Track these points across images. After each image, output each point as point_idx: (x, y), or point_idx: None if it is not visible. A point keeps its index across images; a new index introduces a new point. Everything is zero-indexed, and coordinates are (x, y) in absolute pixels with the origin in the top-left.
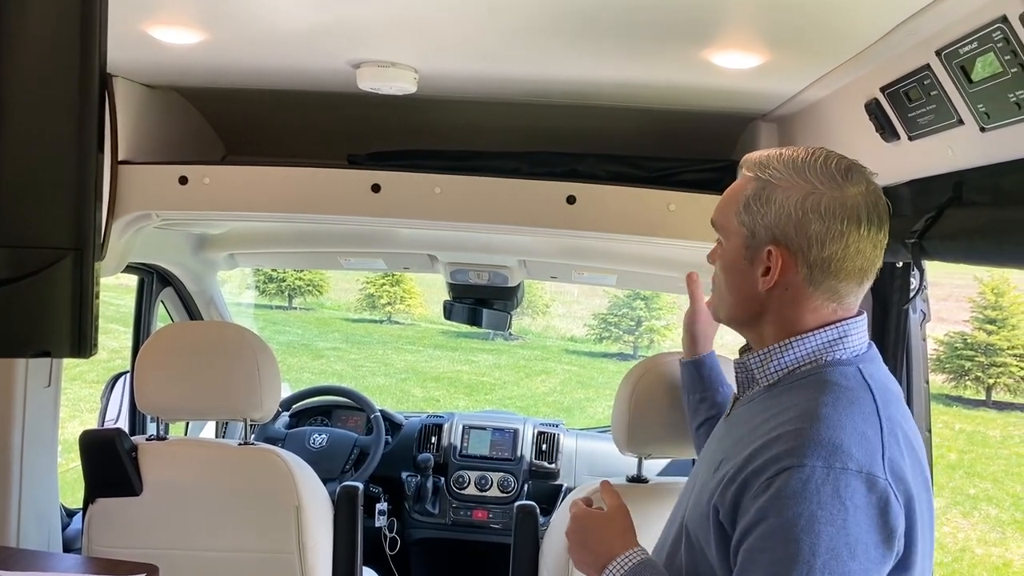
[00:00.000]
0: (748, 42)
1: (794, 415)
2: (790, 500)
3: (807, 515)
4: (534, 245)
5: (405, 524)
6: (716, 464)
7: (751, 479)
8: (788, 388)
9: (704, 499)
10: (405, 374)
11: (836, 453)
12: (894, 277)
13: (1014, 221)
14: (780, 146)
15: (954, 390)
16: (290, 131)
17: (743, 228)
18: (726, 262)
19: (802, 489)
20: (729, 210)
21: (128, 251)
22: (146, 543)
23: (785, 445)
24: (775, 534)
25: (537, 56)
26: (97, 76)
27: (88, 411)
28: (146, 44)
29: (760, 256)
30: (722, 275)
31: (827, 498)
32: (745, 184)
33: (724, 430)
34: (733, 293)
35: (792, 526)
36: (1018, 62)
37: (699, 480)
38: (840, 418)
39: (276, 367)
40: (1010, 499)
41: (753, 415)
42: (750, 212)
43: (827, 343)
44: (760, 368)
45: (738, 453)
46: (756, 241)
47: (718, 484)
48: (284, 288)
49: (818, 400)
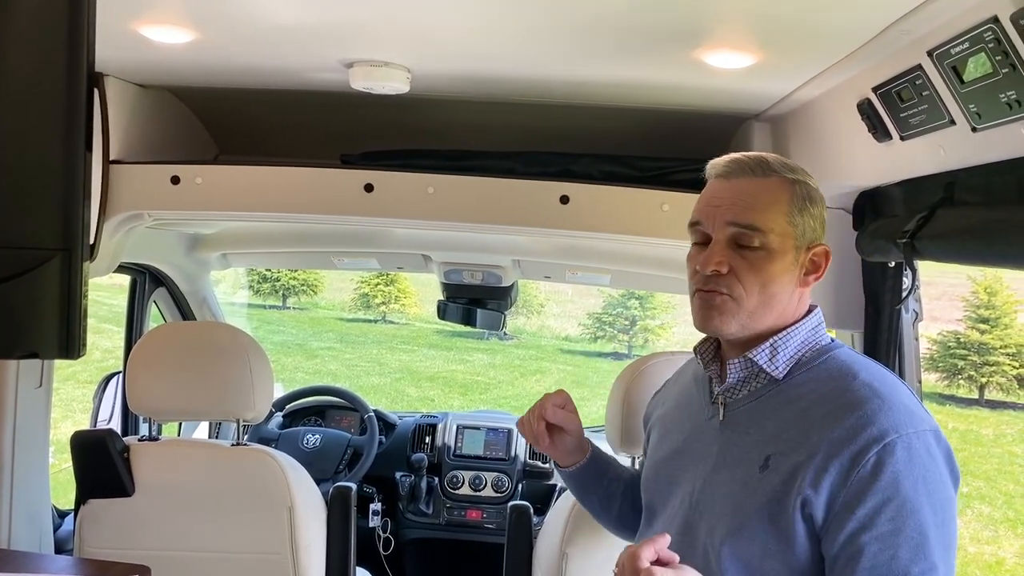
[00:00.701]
0: (741, 42)
1: (851, 397)
2: (904, 471)
3: (921, 480)
4: (528, 245)
5: (399, 524)
6: (761, 461)
7: (850, 463)
8: (808, 375)
9: (761, 498)
10: (399, 374)
11: (913, 418)
12: (886, 277)
13: (1006, 221)
14: (774, 146)
15: (947, 389)
16: (283, 131)
17: (793, 229)
18: (771, 263)
19: (908, 457)
20: (776, 211)
21: (120, 251)
22: (138, 544)
23: (873, 423)
24: (902, 509)
25: (530, 56)
26: (85, 75)
27: (81, 411)
28: (137, 43)
29: (805, 256)
30: (761, 278)
31: (924, 458)
32: (784, 186)
33: (727, 432)
34: (771, 295)
35: (914, 495)
36: (1009, 63)
37: (729, 485)
38: (893, 389)
39: (269, 367)
40: (1003, 497)
41: (778, 407)
42: (804, 214)
43: (813, 329)
44: (769, 362)
45: (800, 443)
46: (803, 242)
47: (790, 478)
48: (278, 288)
49: (862, 377)
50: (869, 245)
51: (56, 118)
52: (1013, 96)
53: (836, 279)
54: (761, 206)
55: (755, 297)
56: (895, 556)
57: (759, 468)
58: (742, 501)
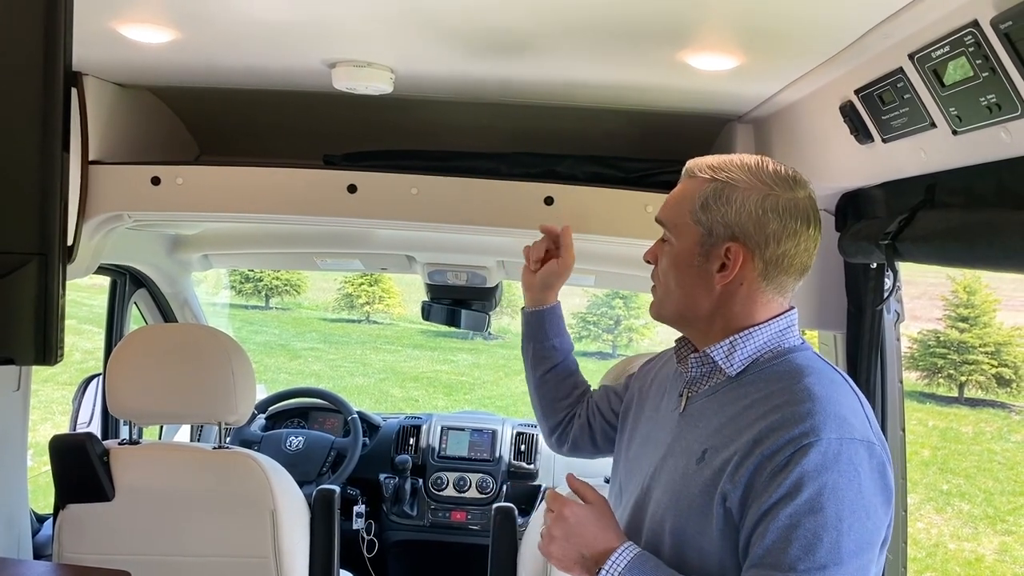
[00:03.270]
0: (724, 45)
1: (788, 398)
2: (813, 472)
3: (831, 484)
4: (512, 245)
5: (383, 526)
6: (699, 454)
7: (765, 461)
8: (758, 375)
9: (694, 490)
10: (383, 374)
11: (843, 425)
12: (868, 278)
13: (986, 223)
14: (757, 147)
15: (927, 387)
16: (265, 131)
17: (699, 227)
18: (677, 259)
19: (822, 461)
20: (682, 208)
21: (99, 253)
22: (119, 549)
23: (796, 425)
24: (804, 506)
25: (514, 57)
26: (62, 76)
27: (61, 413)
28: (117, 42)
29: (717, 253)
30: (671, 272)
31: (844, 466)
32: (700, 185)
33: (682, 423)
34: (683, 289)
35: (819, 495)
36: (989, 67)
37: (671, 473)
38: (834, 395)
39: (251, 370)
40: (982, 494)
41: (725, 404)
42: (708, 211)
43: (780, 331)
44: (726, 359)
45: (733, 439)
46: (713, 239)
47: (718, 471)
48: (261, 288)
49: (805, 382)
50: (851, 246)
51: (32, 120)
52: (993, 100)
53: (818, 280)
54: (672, 203)
55: (663, 285)
56: (786, 550)
57: (696, 460)
58: (679, 491)
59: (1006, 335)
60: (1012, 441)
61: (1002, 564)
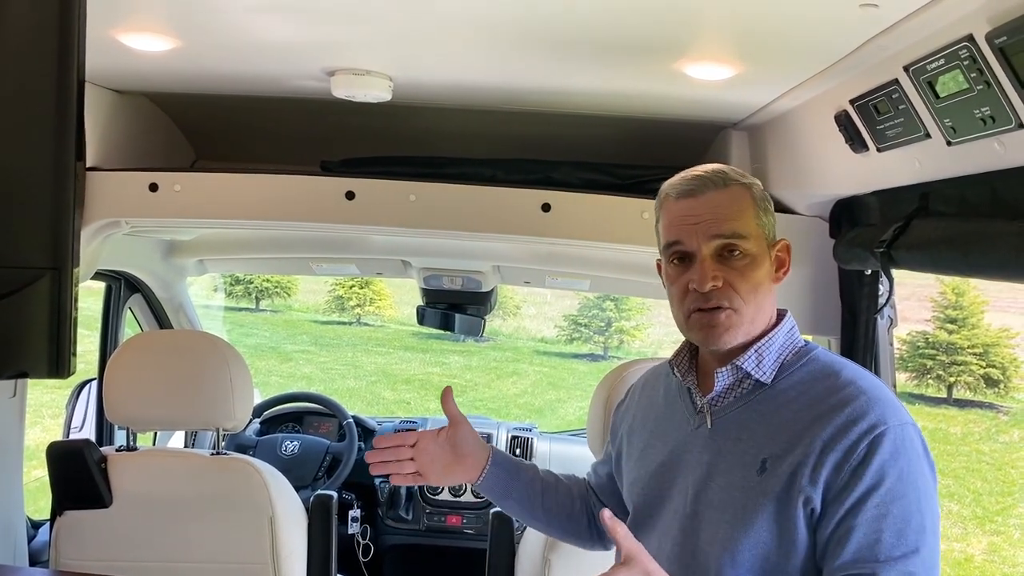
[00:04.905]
0: (721, 54)
1: (842, 396)
2: (891, 460)
3: (906, 469)
4: (508, 251)
5: (379, 531)
6: (758, 465)
7: (842, 458)
8: (791, 378)
9: (762, 500)
10: (375, 376)
11: (898, 410)
12: (863, 284)
13: (980, 232)
14: (751, 154)
15: (916, 388)
16: (262, 137)
17: (763, 230)
18: (759, 268)
19: (894, 448)
20: (747, 216)
21: (96, 259)
22: (116, 556)
23: (862, 417)
24: (888, 494)
25: (512, 65)
26: (75, 88)
27: (51, 417)
28: (116, 50)
29: (773, 253)
30: (762, 285)
31: (910, 450)
32: (744, 190)
33: (716, 438)
34: (758, 298)
35: (899, 481)
36: (984, 80)
37: (726, 490)
38: (874, 384)
39: (248, 376)
40: (971, 495)
41: (769, 412)
42: (767, 213)
43: (789, 332)
44: (757, 368)
45: (795, 444)
46: (770, 240)
47: (791, 477)
48: (251, 290)
49: (847, 376)
50: (846, 253)
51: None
52: (987, 112)
53: (813, 286)
54: (735, 214)
55: (752, 305)
56: (879, 540)
57: (757, 471)
58: (744, 504)
59: (994, 336)
60: (1000, 442)
61: (991, 564)
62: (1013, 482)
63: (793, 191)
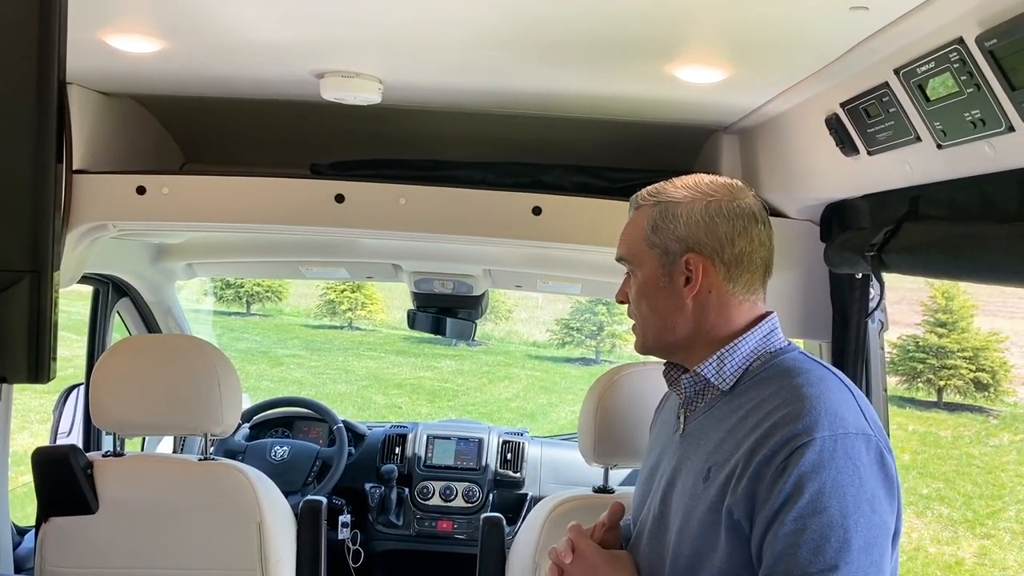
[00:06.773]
0: (712, 57)
1: (779, 402)
2: (810, 473)
3: (830, 482)
4: (499, 254)
5: (369, 536)
6: (704, 473)
7: (762, 468)
8: (752, 385)
9: (703, 508)
10: (366, 381)
11: (836, 420)
12: (854, 288)
13: (970, 236)
14: (742, 157)
15: (907, 392)
16: (251, 140)
17: (655, 249)
18: (645, 286)
19: (818, 460)
20: (635, 238)
21: (83, 262)
22: (102, 563)
23: (788, 427)
24: (807, 508)
25: (503, 68)
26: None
27: (38, 422)
28: (103, 52)
29: (678, 268)
30: (643, 301)
31: (841, 462)
32: (646, 212)
33: (684, 444)
34: (658, 314)
35: (819, 496)
36: (974, 83)
37: (681, 496)
38: (823, 392)
39: (237, 381)
40: (961, 498)
41: (722, 418)
42: (658, 232)
43: (764, 337)
44: (717, 374)
45: (731, 453)
46: (671, 256)
47: (722, 488)
48: (242, 294)
49: (794, 383)
50: (837, 257)
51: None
52: (978, 115)
53: (804, 290)
54: (626, 238)
55: (640, 317)
56: (795, 555)
57: (702, 479)
58: (690, 510)
59: (984, 340)
60: (990, 445)
61: (982, 567)
62: (1003, 485)
63: (784, 195)
